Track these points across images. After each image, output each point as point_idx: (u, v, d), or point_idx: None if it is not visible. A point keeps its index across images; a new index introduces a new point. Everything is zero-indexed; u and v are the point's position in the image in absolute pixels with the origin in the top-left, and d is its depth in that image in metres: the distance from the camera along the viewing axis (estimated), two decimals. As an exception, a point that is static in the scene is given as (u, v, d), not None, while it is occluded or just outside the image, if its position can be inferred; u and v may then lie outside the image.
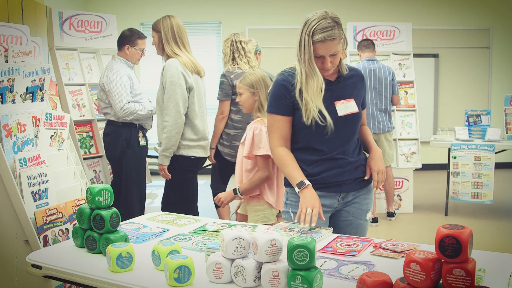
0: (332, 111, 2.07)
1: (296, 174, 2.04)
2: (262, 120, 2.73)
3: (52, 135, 2.85)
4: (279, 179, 2.74)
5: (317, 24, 1.94)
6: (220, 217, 4.16)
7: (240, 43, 3.90)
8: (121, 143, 3.76)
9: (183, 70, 3.25)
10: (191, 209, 3.50)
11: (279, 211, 2.72)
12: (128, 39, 3.90)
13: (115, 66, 3.83)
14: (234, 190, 2.71)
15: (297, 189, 2.02)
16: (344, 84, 2.13)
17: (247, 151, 2.67)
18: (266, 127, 2.61)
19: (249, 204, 2.76)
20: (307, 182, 2.01)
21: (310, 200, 1.96)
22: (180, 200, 3.46)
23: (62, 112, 2.98)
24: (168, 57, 3.32)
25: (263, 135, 2.64)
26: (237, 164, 2.83)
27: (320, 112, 2.03)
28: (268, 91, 2.23)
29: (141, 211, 3.86)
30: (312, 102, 2.02)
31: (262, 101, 2.75)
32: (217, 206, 4.23)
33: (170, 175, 3.36)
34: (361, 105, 2.19)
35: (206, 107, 3.51)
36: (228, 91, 3.84)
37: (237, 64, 3.89)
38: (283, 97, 2.09)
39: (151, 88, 7.29)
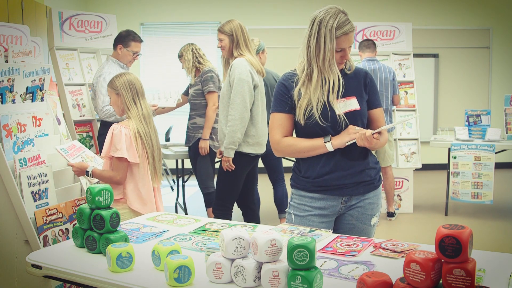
0: (331, 109, 2.07)
1: (315, 141, 2.08)
2: (127, 121, 2.74)
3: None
4: (143, 183, 2.73)
5: (336, 19, 2.00)
6: (210, 216, 4.19)
7: (198, 51, 4.36)
8: None
9: (250, 68, 3.39)
10: (227, 205, 3.62)
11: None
12: (122, 39, 3.91)
13: (105, 67, 3.86)
14: (87, 172, 2.72)
15: (329, 147, 2.05)
16: (344, 82, 2.12)
17: (105, 151, 2.67)
18: (127, 129, 2.67)
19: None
20: (328, 137, 2.06)
21: (342, 137, 2.03)
22: (221, 193, 3.60)
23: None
24: (234, 58, 3.45)
25: (122, 136, 2.64)
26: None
27: (327, 108, 2.05)
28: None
29: None
30: (316, 98, 2.04)
31: (128, 102, 2.74)
32: (207, 206, 4.30)
33: (234, 166, 3.47)
34: (373, 104, 2.19)
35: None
36: (218, 84, 4.15)
37: (205, 65, 4.27)
38: (283, 95, 2.13)
39: (151, 87, 7.29)
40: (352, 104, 2.09)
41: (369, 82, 2.18)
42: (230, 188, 3.59)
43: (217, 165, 4.11)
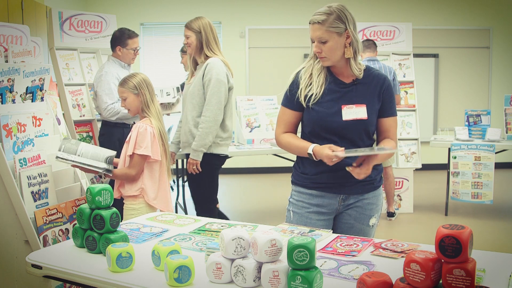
0: (338, 113, 2.07)
1: (304, 144, 2.10)
2: (148, 119, 2.75)
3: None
4: (162, 179, 2.76)
5: (317, 9, 2.05)
6: None
7: None
8: (114, 143, 3.81)
9: (226, 70, 3.35)
10: (211, 207, 3.58)
11: None
12: (118, 40, 3.91)
13: (106, 67, 3.87)
14: (100, 176, 2.77)
15: (312, 156, 2.06)
16: (358, 88, 2.11)
17: (131, 150, 2.68)
18: (152, 127, 2.70)
19: (126, 202, 2.77)
20: (313, 144, 2.07)
21: (321, 151, 2.00)
22: (202, 197, 3.54)
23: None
24: (207, 57, 3.37)
25: (147, 134, 2.66)
26: (120, 160, 2.82)
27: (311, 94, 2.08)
28: None
29: None
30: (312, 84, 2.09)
31: (148, 101, 2.76)
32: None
33: (200, 169, 3.35)
34: (386, 112, 2.15)
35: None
36: None
37: None
38: (293, 93, 2.16)
39: (151, 87, 7.28)
40: (360, 112, 2.08)
41: (385, 89, 2.13)
42: (211, 190, 3.53)
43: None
